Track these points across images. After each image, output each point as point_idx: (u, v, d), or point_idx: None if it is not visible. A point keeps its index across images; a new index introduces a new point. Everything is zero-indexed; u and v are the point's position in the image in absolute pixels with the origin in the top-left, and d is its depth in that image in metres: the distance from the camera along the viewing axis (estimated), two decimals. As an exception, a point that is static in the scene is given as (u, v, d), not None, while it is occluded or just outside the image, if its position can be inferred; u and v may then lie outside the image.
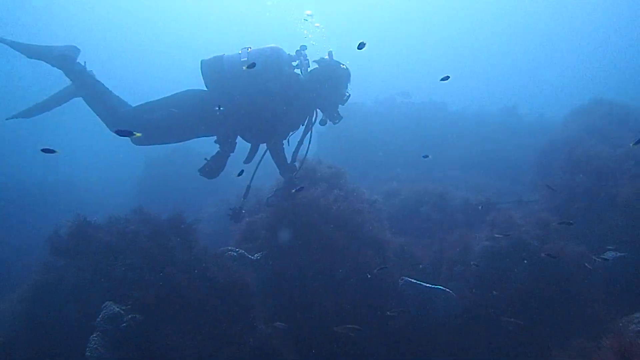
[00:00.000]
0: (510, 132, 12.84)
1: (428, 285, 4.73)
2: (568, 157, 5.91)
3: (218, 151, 5.00)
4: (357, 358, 4.25)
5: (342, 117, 5.30)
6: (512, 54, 44.46)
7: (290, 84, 5.00)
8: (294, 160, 5.40)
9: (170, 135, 5.29)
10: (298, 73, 5.15)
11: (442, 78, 5.02)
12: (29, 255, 7.48)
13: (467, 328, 4.36)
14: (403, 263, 5.12)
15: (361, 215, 5.30)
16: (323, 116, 5.25)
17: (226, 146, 5.02)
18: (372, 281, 4.73)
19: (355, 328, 3.89)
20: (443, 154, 11.60)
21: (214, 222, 7.72)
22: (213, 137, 5.21)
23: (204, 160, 4.99)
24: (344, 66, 5.17)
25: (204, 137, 5.40)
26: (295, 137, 5.36)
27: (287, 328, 4.04)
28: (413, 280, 4.80)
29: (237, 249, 4.87)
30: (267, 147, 5.28)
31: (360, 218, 5.24)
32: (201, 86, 5.19)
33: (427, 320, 4.56)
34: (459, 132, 12.91)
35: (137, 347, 3.59)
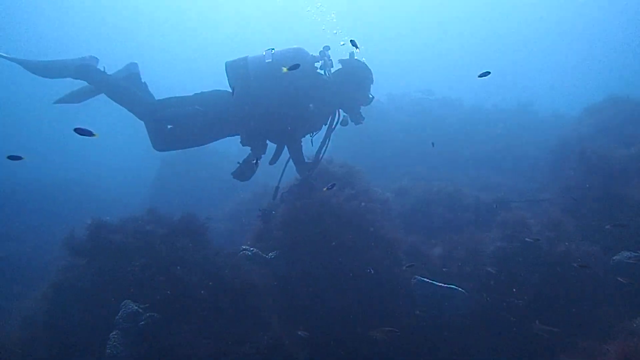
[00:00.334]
0: (524, 129, 12.69)
1: (440, 284, 4.75)
2: (580, 157, 5.86)
3: (249, 154, 5.08)
4: (369, 357, 4.29)
5: (364, 118, 5.31)
6: (526, 50, 43.92)
7: (314, 85, 5.02)
8: (318, 160, 5.42)
9: (194, 135, 5.29)
10: (322, 74, 5.15)
11: (481, 74, 4.74)
12: (48, 253, 7.65)
13: (478, 327, 4.37)
14: (415, 262, 5.12)
15: (372, 214, 5.31)
16: (344, 117, 5.25)
17: (257, 149, 5.08)
18: (384, 280, 4.76)
19: (392, 330, 3.91)
20: (457, 151, 11.54)
21: (229, 221, 7.80)
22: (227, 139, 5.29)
23: (237, 163, 5.08)
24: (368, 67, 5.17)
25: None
26: (317, 137, 5.38)
27: (310, 337, 4.06)
28: (425, 279, 4.83)
29: (252, 248, 4.93)
30: (287, 145, 5.31)
31: (370, 217, 5.25)
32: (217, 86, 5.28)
33: (439, 319, 4.58)
34: (474, 129, 12.81)
35: (155, 345, 3.68)
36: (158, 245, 4.47)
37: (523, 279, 4.52)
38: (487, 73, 4.67)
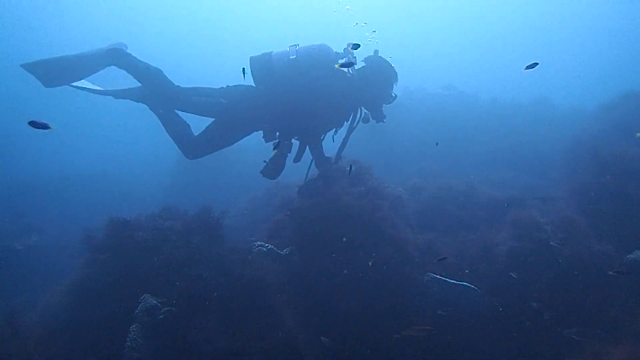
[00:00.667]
0: (541, 124, 12.54)
1: (453, 281, 4.77)
2: (594, 157, 5.79)
3: (275, 152, 5.13)
4: (381, 353, 4.34)
5: (386, 116, 5.31)
6: (546, 44, 43.17)
7: (337, 82, 5.02)
8: (339, 157, 5.43)
9: (221, 135, 5.34)
10: (345, 71, 5.16)
11: (528, 66, 4.49)
12: (69, 245, 7.84)
13: (492, 326, 4.39)
14: (427, 259, 5.15)
15: (382, 211, 5.34)
16: (366, 114, 5.27)
17: (283, 147, 5.14)
18: (396, 277, 4.79)
19: (427, 329, 3.95)
20: (471, 147, 11.47)
21: (243, 216, 7.89)
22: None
23: (263, 162, 5.15)
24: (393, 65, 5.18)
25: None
26: (338, 134, 5.42)
27: (332, 343, 4.12)
28: (438, 276, 4.86)
29: (267, 245, 5.01)
30: (308, 142, 5.35)
31: (380, 214, 5.28)
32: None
33: (452, 316, 4.60)
34: (490, 124, 12.69)
35: (173, 338, 3.80)
36: (175, 241, 4.59)
37: (537, 280, 4.52)
38: (535, 64, 4.45)
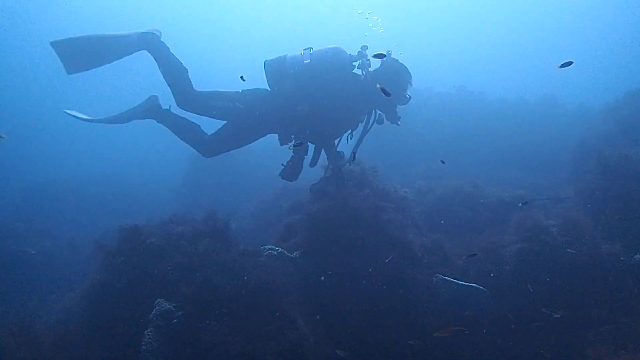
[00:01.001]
0: (548, 123, 12.51)
1: (462, 282, 4.83)
2: (598, 160, 5.79)
3: (292, 155, 5.19)
4: (392, 354, 4.41)
5: (400, 117, 5.34)
6: (553, 41, 42.81)
7: (351, 85, 5.06)
8: (353, 159, 5.47)
9: (237, 136, 5.39)
10: (359, 73, 5.19)
11: (563, 64, 4.37)
12: (83, 249, 7.99)
13: (499, 327, 4.44)
14: (434, 261, 5.20)
15: (389, 214, 5.38)
16: (380, 115, 5.29)
17: (300, 150, 5.18)
18: (405, 279, 4.85)
19: (460, 329, 4.00)
20: (479, 147, 11.48)
21: (253, 219, 7.99)
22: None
23: (281, 165, 5.22)
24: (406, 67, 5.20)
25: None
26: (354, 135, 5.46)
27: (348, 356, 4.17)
28: (447, 277, 4.91)
29: (278, 248, 5.08)
30: (323, 145, 5.39)
31: (387, 217, 5.32)
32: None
33: (460, 317, 4.65)
34: (497, 124, 12.67)
35: (187, 342, 3.89)
36: (187, 246, 4.68)
37: (545, 281, 4.56)
38: (570, 63, 4.31)
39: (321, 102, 4.96)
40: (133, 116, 5.44)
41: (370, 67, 5.20)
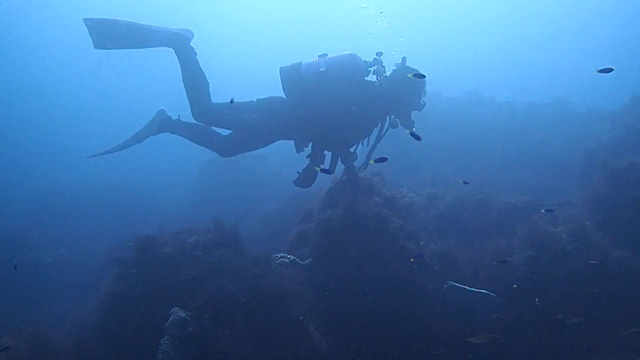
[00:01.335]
0: (557, 127, 12.47)
1: (472, 289, 4.86)
2: (605, 168, 5.79)
3: (309, 164, 5.24)
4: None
5: (415, 122, 5.33)
6: (563, 44, 42.59)
7: (367, 92, 5.08)
8: (367, 163, 5.46)
9: (251, 139, 5.38)
10: (374, 79, 5.21)
11: (602, 70, 4.23)
12: (96, 258, 8.10)
13: (509, 333, 4.47)
14: (445, 267, 5.24)
15: (398, 221, 5.38)
16: (394, 119, 5.30)
17: (315, 158, 5.23)
18: (416, 285, 4.88)
19: (494, 337, 4.02)
20: (488, 151, 11.43)
21: (264, 225, 8.06)
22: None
23: (297, 173, 5.27)
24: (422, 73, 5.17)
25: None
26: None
27: None
28: (457, 284, 4.95)
29: (290, 256, 5.15)
30: (339, 152, 5.38)
31: (397, 224, 5.31)
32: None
33: (471, 324, 4.68)
34: (506, 126, 12.62)
35: (202, 350, 3.95)
36: (201, 256, 4.77)
37: (551, 287, 4.58)
38: (610, 69, 4.20)
39: (338, 111, 4.99)
40: (147, 134, 5.50)
41: (385, 73, 5.20)
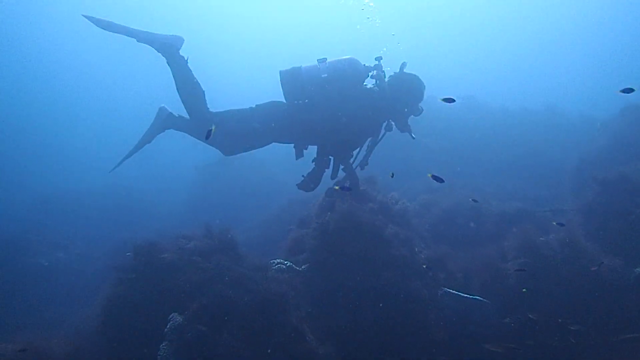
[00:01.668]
0: (551, 133, 12.59)
1: (467, 295, 4.93)
2: (595, 179, 5.90)
3: (313, 168, 5.29)
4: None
5: (411, 127, 5.40)
6: (557, 49, 42.91)
7: (367, 96, 5.13)
8: (364, 165, 5.53)
9: (252, 142, 5.44)
10: (373, 84, 5.27)
11: (624, 89, 4.06)
12: (93, 262, 8.13)
13: (504, 339, 4.54)
14: (439, 274, 5.30)
15: (393, 227, 5.46)
16: (389, 123, 5.34)
17: (320, 163, 5.28)
18: (411, 292, 4.95)
19: (511, 346, 4.08)
20: (482, 156, 11.53)
21: (261, 230, 8.09)
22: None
23: (302, 177, 5.31)
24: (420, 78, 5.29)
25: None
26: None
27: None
28: (452, 290, 5.03)
29: (286, 262, 5.21)
30: (339, 157, 5.42)
31: (391, 230, 5.39)
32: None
33: (466, 330, 4.75)
34: (499, 132, 12.74)
35: (201, 355, 4.00)
36: (199, 262, 4.82)
37: (547, 296, 4.66)
38: (631, 90, 4.05)
39: (340, 116, 5.03)
40: (153, 133, 5.51)
41: (385, 78, 5.26)
